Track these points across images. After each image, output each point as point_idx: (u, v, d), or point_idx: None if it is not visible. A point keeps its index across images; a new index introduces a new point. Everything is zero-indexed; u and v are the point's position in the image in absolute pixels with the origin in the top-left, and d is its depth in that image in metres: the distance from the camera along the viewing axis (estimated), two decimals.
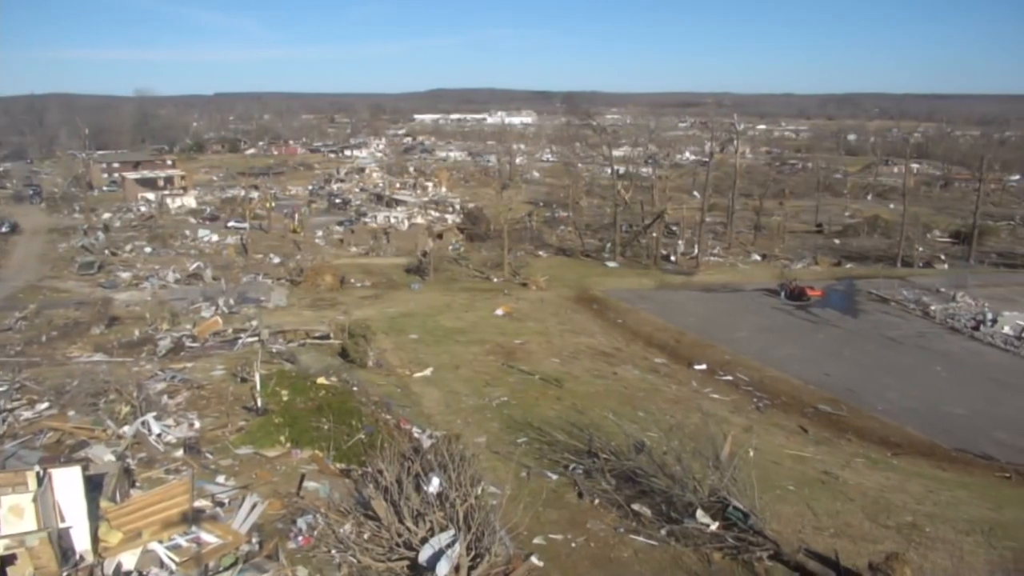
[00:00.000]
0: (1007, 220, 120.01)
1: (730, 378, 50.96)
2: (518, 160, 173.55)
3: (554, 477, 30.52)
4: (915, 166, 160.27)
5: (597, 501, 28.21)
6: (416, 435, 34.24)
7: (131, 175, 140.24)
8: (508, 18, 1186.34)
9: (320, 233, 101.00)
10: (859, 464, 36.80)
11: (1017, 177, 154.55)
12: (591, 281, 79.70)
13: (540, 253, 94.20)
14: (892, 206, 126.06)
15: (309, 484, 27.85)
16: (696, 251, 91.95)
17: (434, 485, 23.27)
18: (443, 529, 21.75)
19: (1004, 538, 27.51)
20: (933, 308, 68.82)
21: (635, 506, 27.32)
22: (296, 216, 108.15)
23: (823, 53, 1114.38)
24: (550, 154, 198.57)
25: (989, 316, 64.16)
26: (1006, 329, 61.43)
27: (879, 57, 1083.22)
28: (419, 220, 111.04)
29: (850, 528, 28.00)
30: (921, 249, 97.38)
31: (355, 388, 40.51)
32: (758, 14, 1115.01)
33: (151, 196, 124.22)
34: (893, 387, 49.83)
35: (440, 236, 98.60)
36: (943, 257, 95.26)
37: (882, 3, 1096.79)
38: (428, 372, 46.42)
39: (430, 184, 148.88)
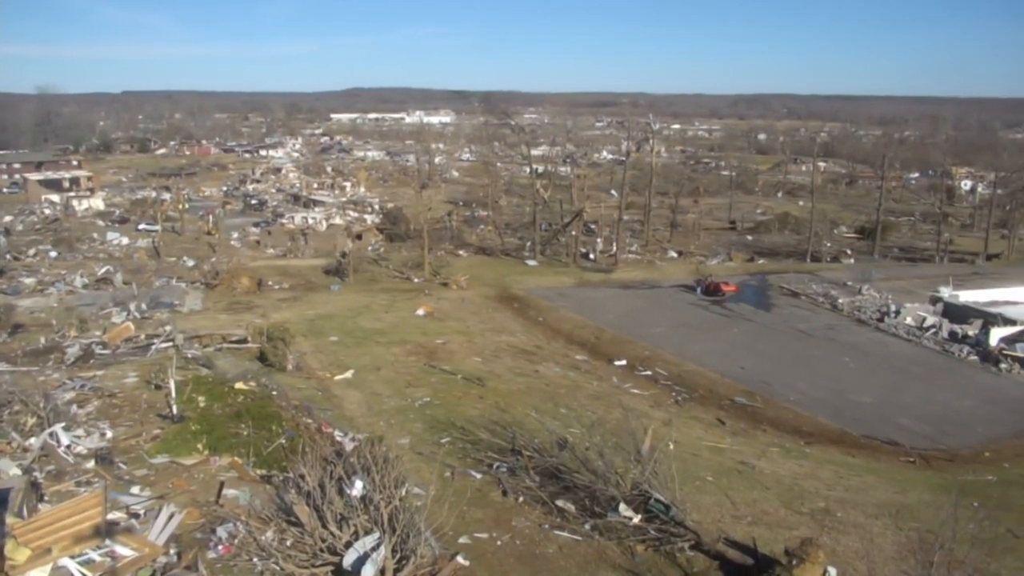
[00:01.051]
0: (908, 216, 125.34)
1: (649, 373, 51.87)
2: (437, 160, 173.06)
3: (478, 476, 30.61)
4: (822, 165, 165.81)
5: (521, 499, 28.40)
6: (338, 438, 33.89)
7: (34, 176, 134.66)
8: (423, 17, 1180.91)
9: (236, 235, 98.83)
10: (774, 453, 37.95)
11: (916, 175, 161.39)
12: (511, 280, 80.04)
13: (460, 252, 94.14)
14: (801, 203, 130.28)
15: (229, 492, 27.27)
16: (614, 249, 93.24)
17: (357, 488, 23.09)
18: (367, 532, 21.60)
19: (910, 519, 28.82)
20: (841, 301, 71.42)
21: (559, 502, 27.62)
22: (211, 218, 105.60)
23: (733, 54, 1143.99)
24: (469, 153, 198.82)
25: (893, 308, 66.94)
26: (908, 320, 64.20)
27: (786, 59, 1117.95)
28: (337, 221, 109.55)
29: (766, 516, 28.90)
30: (829, 244, 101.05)
31: (274, 392, 39.84)
32: (670, 16, 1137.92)
33: (56, 198, 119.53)
34: (804, 378, 51.54)
35: (359, 236, 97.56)
36: (849, 252, 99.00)
37: (788, 7, 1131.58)
38: (349, 374, 45.95)
39: (348, 184, 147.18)
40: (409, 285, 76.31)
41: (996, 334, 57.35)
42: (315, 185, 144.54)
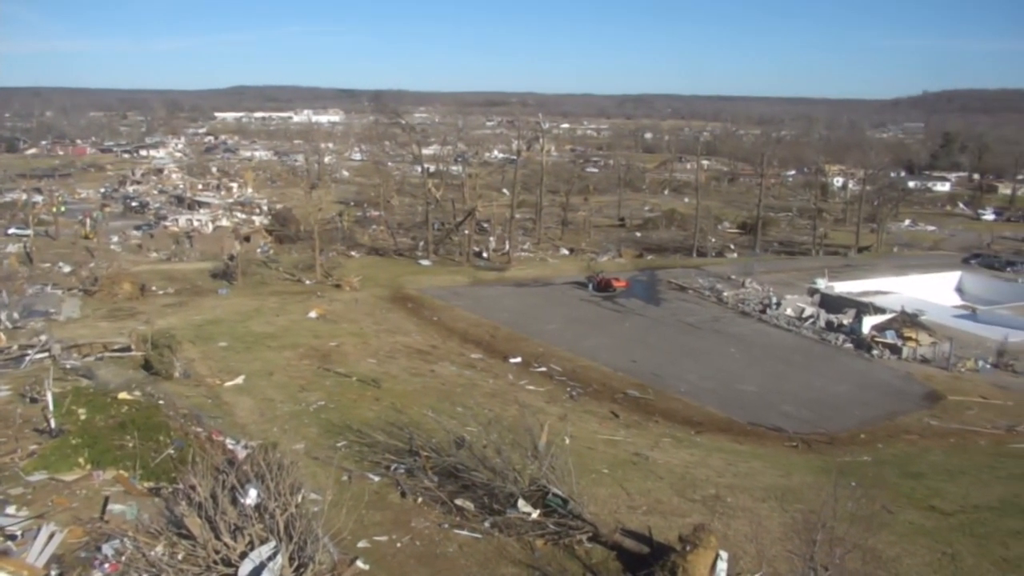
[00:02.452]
0: (786, 212, 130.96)
1: (544, 369, 52.48)
2: (327, 159, 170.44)
3: (376, 479, 30.37)
4: (705, 163, 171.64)
5: (420, 499, 28.35)
6: (230, 446, 33.01)
7: None
8: (308, 14, 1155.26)
9: (116, 239, 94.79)
10: (666, 444, 39.02)
11: (792, 172, 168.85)
12: (405, 280, 79.56)
13: (352, 253, 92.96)
14: (687, 200, 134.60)
15: (114, 507, 26.21)
16: (507, 247, 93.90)
17: (251, 497, 22.60)
18: (263, 541, 21.18)
19: (795, 501, 30.14)
20: (726, 294, 74.00)
21: (458, 501, 27.69)
22: (88, 221, 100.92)
23: (619, 55, 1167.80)
24: (359, 153, 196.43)
25: (774, 300, 69.87)
26: (788, 311, 67.13)
27: (669, 60, 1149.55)
28: (224, 222, 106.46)
29: (661, 504, 29.72)
30: (713, 240, 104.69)
31: (161, 401, 38.47)
32: (556, 16, 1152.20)
33: None
34: (693, 370, 53.17)
35: (247, 239, 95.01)
36: (732, 247, 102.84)
37: (669, 10, 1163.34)
38: (240, 380, 44.73)
39: (235, 185, 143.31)
40: (300, 287, 74.86)
41: (868, 322, 60.64)
42: (200, 186, 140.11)
